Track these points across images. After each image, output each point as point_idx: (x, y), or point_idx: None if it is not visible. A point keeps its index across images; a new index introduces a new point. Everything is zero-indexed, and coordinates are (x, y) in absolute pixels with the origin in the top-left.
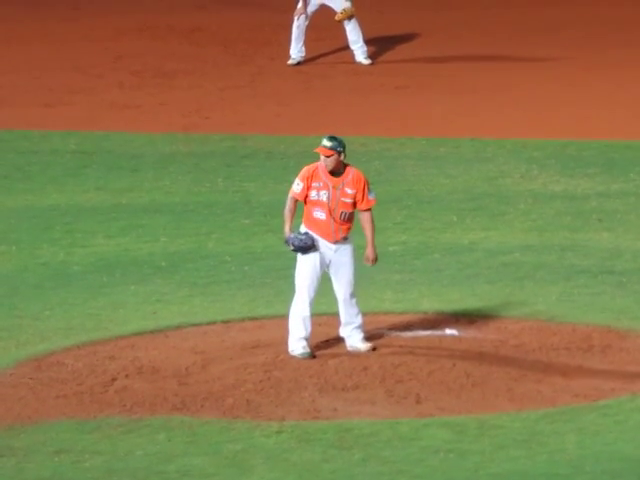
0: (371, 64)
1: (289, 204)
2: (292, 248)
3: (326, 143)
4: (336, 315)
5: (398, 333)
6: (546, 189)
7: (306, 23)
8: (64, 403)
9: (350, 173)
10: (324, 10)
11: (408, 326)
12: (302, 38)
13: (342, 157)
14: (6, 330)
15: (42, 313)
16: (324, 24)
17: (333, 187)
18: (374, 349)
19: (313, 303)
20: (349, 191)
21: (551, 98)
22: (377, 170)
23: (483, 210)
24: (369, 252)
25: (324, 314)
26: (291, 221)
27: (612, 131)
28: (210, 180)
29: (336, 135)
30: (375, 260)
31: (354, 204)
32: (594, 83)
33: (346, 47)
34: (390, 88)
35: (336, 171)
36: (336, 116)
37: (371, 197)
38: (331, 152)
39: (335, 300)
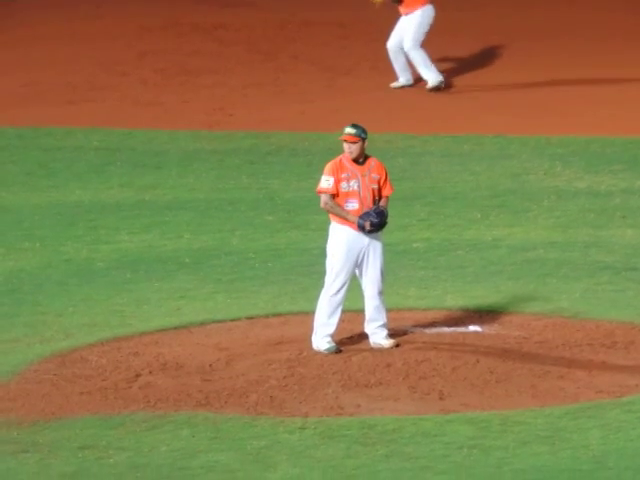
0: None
1: (329, 201)
2: (371, 227)
3: (350, 130)
4: (360, 312)
5: (422, 329)
6: (570, 186)
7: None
8: (88, 399)
9: (372, 160)
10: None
11: (432, 322)
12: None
13: (365, 144)
14: (30, 326)
15: (66, 309)
16: (348, 22)
17: (361, 175)
18: (397, 345)
19: (345, 297)
20: (375, 177)
21: (574, 95)
22: (401, 167)
23: (507, 207)
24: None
25: (347, 310)
26: (344, 209)
27: (636, 128)
28: (234, 177)
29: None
30: (382, 215)
31: (379, 190)
32: (617, 80)
33: (370, 43)
34: (414, 85)
35: (360, 159)
36: (360, 113)
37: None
38: (356, 138)
39: (361, 296)
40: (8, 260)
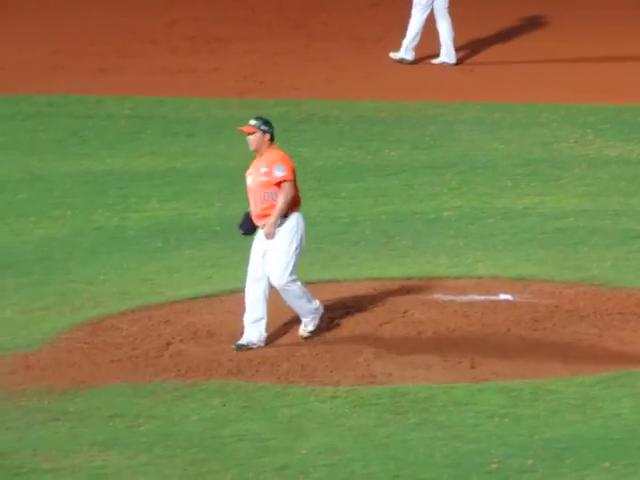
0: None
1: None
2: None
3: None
4: (391, 280)
5: (453, 298)
6: (601, 154)
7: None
8: (119, 367)
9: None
10: None
11: (463, 291)
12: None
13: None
14: (61, 295)
15: (97, 278)
16: None
17: None
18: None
19: None
20: None
21: (605, 63)
22: (432, 135)
23: (538, 175)
24: None
25: (378, 279)
26: None
27: None
28: None
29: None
30: None
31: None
32: None
33: (400, 10)
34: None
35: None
36: (390, 81)
37: None
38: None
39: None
40: (39, 228)
